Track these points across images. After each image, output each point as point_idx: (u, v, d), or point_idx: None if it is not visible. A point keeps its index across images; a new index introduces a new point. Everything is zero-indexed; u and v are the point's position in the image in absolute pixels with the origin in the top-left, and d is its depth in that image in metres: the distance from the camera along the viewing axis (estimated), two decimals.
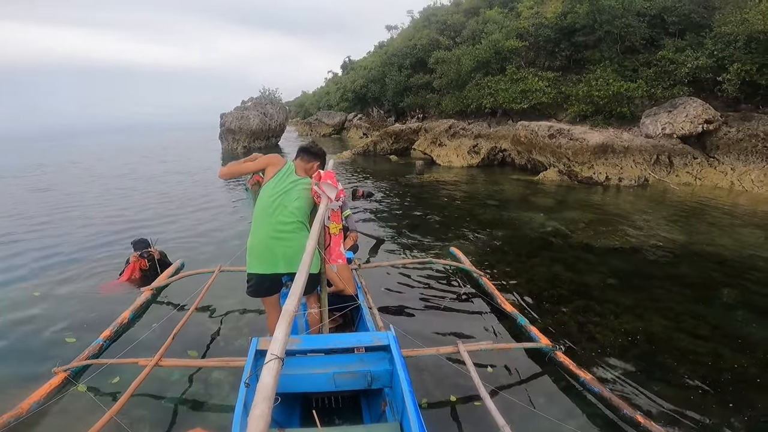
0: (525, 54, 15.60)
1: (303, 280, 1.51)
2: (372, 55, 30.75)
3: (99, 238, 6.41)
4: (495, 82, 15.09)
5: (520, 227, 6.83)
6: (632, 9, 12.55)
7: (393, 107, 23.01)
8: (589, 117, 12.10)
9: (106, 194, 10.41)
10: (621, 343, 3.39)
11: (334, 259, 2.64)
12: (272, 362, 1.00)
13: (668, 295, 4.26)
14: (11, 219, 8.25)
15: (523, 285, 4.62)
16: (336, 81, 37.13)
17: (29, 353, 3.35)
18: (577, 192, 9.24)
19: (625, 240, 6.01)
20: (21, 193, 11.32)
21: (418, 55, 20.53)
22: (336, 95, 33.49)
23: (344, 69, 35.41)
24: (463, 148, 13.67)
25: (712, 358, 3.16)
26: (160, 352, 2.67)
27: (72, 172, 15.88)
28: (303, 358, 2.02)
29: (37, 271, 5.12)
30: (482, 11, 19.03)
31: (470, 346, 2.75)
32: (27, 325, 3.81)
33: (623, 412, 2.38)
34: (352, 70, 31.56)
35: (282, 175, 2.57)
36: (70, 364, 2.77)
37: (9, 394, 2.79)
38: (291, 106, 50.99)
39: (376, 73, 23.63)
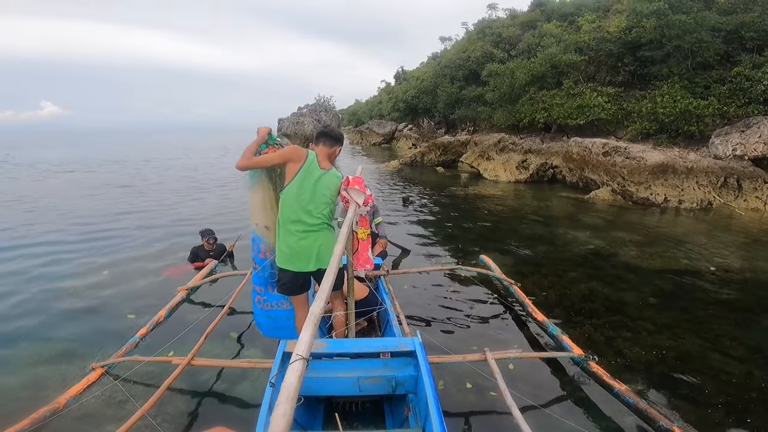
0: (584, 68, 15.07)
1: (330, 283, 1.48)
2: (425, 66, 30.98)
3: (166, 230, 7.14)
4: (550, 96, 14.67)
5: (560, 243, 6.68)
6: (705, 24, 11.75)
7: (444, 119, 23.02)
8: (652, 135, 11.44)
9: (177, 194, 11.46)
10: (649, 359, 3.31)
11: (361, 264, 2.59)
12: (297, 363, 1.00)
13: (710, 317, 4.06)
14: (92, 210, 9.37)
15: (555, 297, 4.57)
16: (388, 91, 37.70)
17: (95, 325, 3.87)
18: (630, 213, 8.78)
19: (675, 262, 5.69)
20: (110, 189, 12.71)
21: (471, 67, 20.40)
22: (387, 105, 34.01)
23: (397, 79, 35.87)
24: (512, 163, 13.41)
25: (743, 379, 3.03)
26: (192, 352, 2.71)
27: (147, 169, 17.52)
28: (328, 362, 2.01)
29: (108, 254, 5.84)
30: (539, 24, 18.63)
31: (498, 354, 2.67)
32: (95, 300, 4.38)
33: (660, 423, 2.29)
34: (405, 80, 31.91)
35: (305, 172, 2.44)
36: (107, 360, 2.86)
37: (77, 356, 3.26)
38: (344, 114, 52.46)
39: (428, 84, 23.75)
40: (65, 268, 5.23)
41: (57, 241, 6.45)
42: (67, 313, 4.02)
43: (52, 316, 3.95)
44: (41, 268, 5.24)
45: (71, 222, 7.49)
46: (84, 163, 18.46)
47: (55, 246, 6.13)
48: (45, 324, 3.81)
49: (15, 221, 7.55)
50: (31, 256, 5.69)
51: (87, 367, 2.84)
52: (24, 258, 5.59)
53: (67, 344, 3.44)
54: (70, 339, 3.53)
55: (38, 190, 10.92)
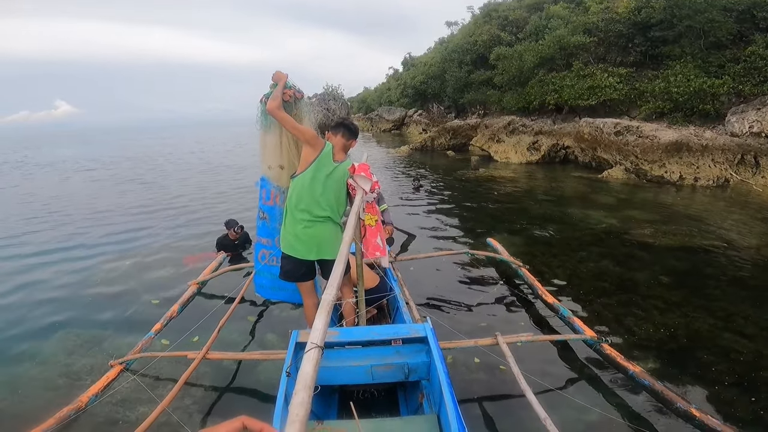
0: (594, 50, 14.82)
1: (341, 271, 1.47)
2: (432, 51, 30.62)
3: (184, 220, 7.32)
4: (560, 78, 14.47)
5: (572, 223, 6.66)
6: (716, 4, 11.47)
7: (453, 103, 22.83)
8: (666, 114, 11.25)
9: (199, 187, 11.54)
10: (660, 337, 3.31)
11: (371, 251, 2.58)
12: (312, 351, 1.00)
13: (723, 295, 4.02)
14: (113, 205, 9.57)
15: (565, 276, 4.59)
16: (396, 77, 37.38)
17: (120, 310, 4.02)
18: (644, 191, 8.71)
19: (689, 240, 5.65)
20: (129, 185, 12.91)
21: (478, 51, 20.12)
22: (396, 91, 33.73)
23: (405, 65, 35.51)
24: (522, 145, 13.33)
25: (753, 357, 3.02)
26: (207, 346, 2.73)
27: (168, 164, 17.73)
28: (340, 351, 2.00)
29: (130, 245, 6.01)
30: (546, 6, 18.28)
31: (509, 338, 2.65)
32: (120, 287, 4.53)
33: (677, 405, 2.25)
34: (413, 66, 31.60)
35: (319, 164, 2.47)
36: (125, 357, 2.87)
37: (106, 340, 3.40)
38: (353, 102, 52.13)
39: (436, 69, 23.52)
40: (91, 263, 5.34)
41: (83, 236, 6.62)
42: (93, 304, 4.14)
43: (79, 307, 4.07)
44: (67, 263, 5.35)
45: (95, 218, 7.65)
46: (102, 161, 18.68)
47: (81, 241, 6.27)
48: (72, 315, 3.91)
49: (37, 222, 7.59)
50: (59, 251, 5.83)
51: (107, 363, 2.87)
52: (51, 253, 5.73)
53: (95, 333, 3.54)
54: (97, 328, 3.62)
55: (61, 190, 11.08)
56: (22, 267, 5.20)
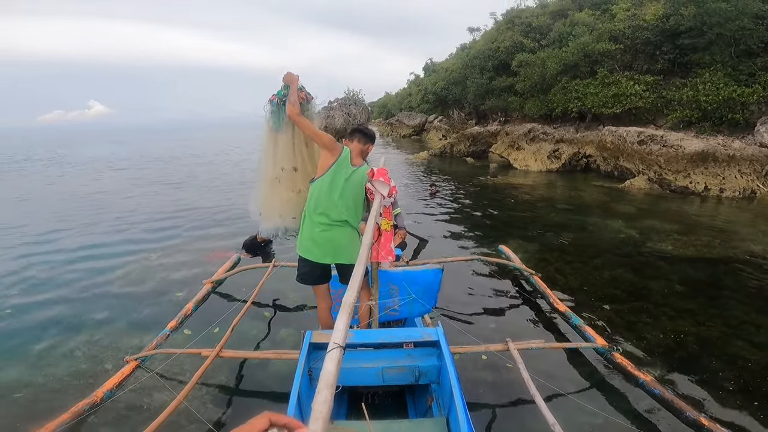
0: (620, 57, 14.56)
1: (362, 273, 1.50)
2: (453, 57, 30.57)
3: (210, 221, 7.53)
4: (584, 85, 14.27)
5: (589, 231, 6.61)
6: (747, 12, 11.14)
7: (474, 110, 22.76)
8: (694, 123, 10.97)
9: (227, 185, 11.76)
10: (669, 344, 3.31)
11: (383, 256, 2.59)
12: (334, 351, 1.02)
13: (737, 305, 3.96)
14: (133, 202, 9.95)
15: (577, 283, 4.59)
16: (417, 83, 37.47)
17: (145, 301, 4.21)
18: (667, 201, 8.52)
19: (709, 251, 5.54)
20: (159, 185, 13.36)
21: (500, 58, 19.99)
22: (417, 97, 33.81)
23: (426, 71, 35.57)
24: (543, 153, 13.20)
25: (762, 365, 3.00)
26: (220, 344, 2.76)
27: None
28: (352, 352, 2.02)
29: (156, 242, 6.24)
30: (570, 13, 18.07)
31: (520, 344, 2.65)
32: (142, 284, 4.72)
33: (686, 414, 2.26)
34: (434, 72, 31.62)
35: (338, 167, 2.51)
36: (140, 354, 2.92)
37: (126, 336, 3.52)
38: (374, 107, 52.46)
39: (458, 75, 23.46)
40: (114, 261, 5.50)
41: (111, 234, 6.87)
42: (116, 300, 4.28)
43: (102, 303, 4.19)
44: (93, 260, 5.51)
45: (124, 217, 7.87)
46: (134, 160, 19.31)
47: (108, 239, 6.47)
48: (94, 311, 4.01)
49: (69, 220, 7.76)
50: (86, 248, 6.02)
51: (123, 358, 2.92)
52: (79, 251, 5.91)
53: (115, 328, 3.67)
54: (118, 324, 3.75)
55: (93, 188, 11.43)
56: (52, 263, 5.38)
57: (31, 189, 11.61)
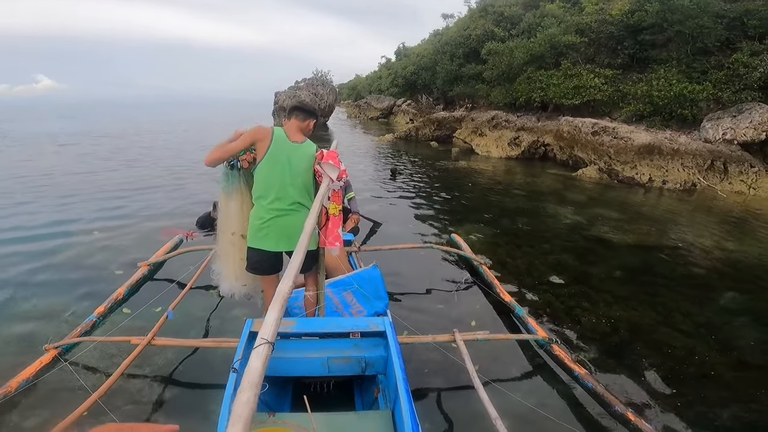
0: (584, 50, 14.92)
1: (299, 261, 1.42)
2: (426, 43, 30.44)
3: (167, 197, 7.17)
4: (547, 76, 14.57)
5: (541, 217, 6.79)
6: (709, 10, 11.61)
7: (442, 95, 22.80)
8: (646, 117, 11.44)
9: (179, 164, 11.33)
10: (604, 330, 3.43)
11: (331, 241, 2.49)
12: (261, 347, 0.94)
13: (667, 292, 4.16)
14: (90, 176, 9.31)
15: (525, 266, 4.70)
16: (389, 66, 37.09)
17: (81, 285, 3.88)
18: (615, 191, 8.88)
19: (646, 239, 5.82)
20: (110, 161, 12.50)
21: (471, 45, 20.09)
22: (387, 80, 33.50)
23: (398, 55, 35.23)
24: (504, 140, 13.45)
25: (686, 353, 3.15)
26: (153, 331, 2.59)
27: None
28: (297, 342, 1.97)
29: (101, 221, 5.83)
30: (542, 4, 18.29)
31: (466, 336, 2.68)
32: (84, 263, 4.41)
33: (615, 408, 2.32)
34: (406, 56, 31.35)
35: (276, 147, 2.38)
36: (61, 341, 2.67)
37: (58, 318, 3.25)
38: (344, 89, 51.65)
39: (428, 61, 23.45)
40: (58, 241, 5.12)
41: (56, 210, 6.42)
42: (50, 280, 3.99)
43: (34, 282, 3.91)
44: (34, 241, 5.11)
45: (72, 193, 7.41)
46: (83, 136, 17.97)
47: (54, 217, 6.03)
48: (24, 290, 3.77)
49: (9, 197, 7.20)
50: (27, 228, 5.60)
51: (42, 347, 2.66)
52: (22, 229, 5.51)
53: (49, 303, 3.45)
54: (51, 304, 3.49)
55: (40, 164, 10.65)
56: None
57: None
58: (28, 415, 2.27)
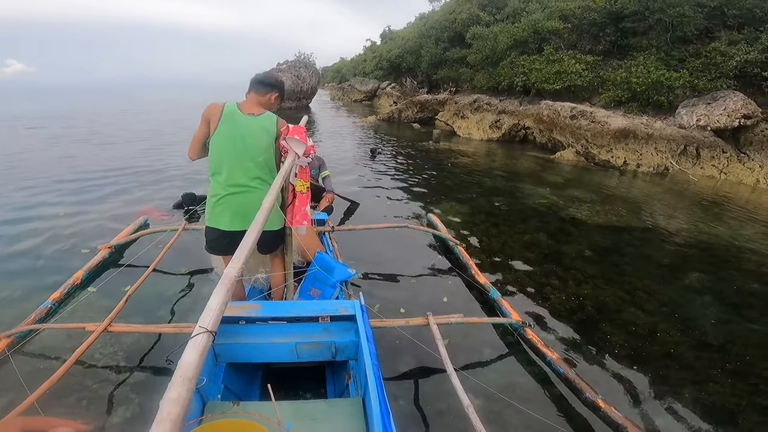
0: (567, 36, 15.01)
1: (252, 241, 1.31)
2: (411, 26, 30.14)
3: (145, 179, 6.98)
4: (530, 61, 14.64)
5: (518, 197, 6.86)
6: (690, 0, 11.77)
7: (426, 79, 22.71)
8: (624, 103, 11.62)
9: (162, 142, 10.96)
10: (570, 307, 3.48)
11: (298, 220, 2.39)
12: (199, 337, 0.83)
13: (633, 271, 4.23)
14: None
15: (500, 246, 4.76)
16: (373, 49, 36.64)
17: (44, 261, 3.80)
18: (590, 173, 9.03)
19: (617, 219, 5.92)
20: (81, 144, 11.96)
21: (456, 29, 20.01)
22: (371, 63, 33.16)
23: (383, 38, 34.84)
24: (485, 122, 13.51)
25: (648, 331, 3.21)
26: (109, 317, 2.48)
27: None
28: (263, 326, 1.88)
29: (71, 201, 5.68)
30: None
31: (440, 319, 2.61)
32: (44, 237, 4.31)
33: (585, 395, 2.29)
34: (391, 39, 31.05)
35: (226, 119, 2.24)
36: (13, 330, 2.55)
37: (15, 304, 3.09)
38: (328, 72, 50.88)
39: (413, 44, 23.32)
40: (30, 215, 5.03)
41: (29, 191, 6.21)
42: (18, 257, 3.88)
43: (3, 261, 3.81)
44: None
45: (43, 174, 7.14)
46: (54, 119, 17.22)
47: (26, 196, 5.88)
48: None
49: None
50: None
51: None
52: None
53: (11, 287, 3.31)
54: (14, 282, 3.38)
55: (11, 146, 10.24)
56: None
57: None
58: None
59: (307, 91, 23.31)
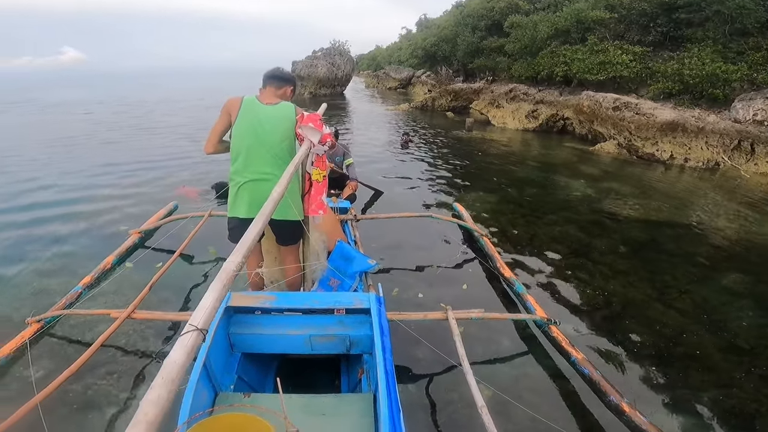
0: (613, 26, 14.30)
1: (256, 233, 1.28)
2: (448, 14, 29.55)
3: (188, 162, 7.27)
4: (572, 51, 14.07)
5: (550, 188, 6.62)
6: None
7: (462, 67, 22.25)
8: (674, 95, 10.97)
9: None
10: (595, 303, 3.35)
11: (314, 209, 2.37)
12: (188, 335, 0.78)
13: (669, 269, 4.00)
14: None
15: (527, 236, 4.61)
16: (409, 37, 36.30)
17: (89, 236, 4.12)
18: (632, 166, 8.57)
19: (658, 215, 5.58)
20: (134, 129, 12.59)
21: (494, 18, 19.49)
22: (406, 51, 32.93)
23: (419, 26, 34.42)
24: (521, 112, 13.14)
25: (676, 331, 3.04)
26: (133, 304, 2.48)
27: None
28: (278, 317, 1.86)
29: (115, 178, 6.12)
30: None
31: (460, 314, 2.50)
32: (92, 215, 4.63)
33: (610, 398, 2.18)
34: (427, 27, 30.61)
35: (245, 110, 2.28)
36: (44, 314, 2.60)
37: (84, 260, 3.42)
38: (363, 59, 50.89)
39: (449, 33, 22.91)
40: (78, 194, 5.39)
41: (79, 174, 6.57)
42: (62, 230, 4.20)
43: (40, 244, 4.05)
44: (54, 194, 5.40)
45: (92, 155, 7.66)
46: (106, 104, 18.21)
47: (82, 177, 6.25)
48: (41, 239, 4.02)
49: (41, 155, 7.70)
50: (50, 187, 5.79)
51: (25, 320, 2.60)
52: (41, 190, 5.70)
53: (60, 259, 3.56)
54: (63, 254, 3.63)
55: (65, 129, 10.87)
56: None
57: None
58: (5, 391, 2.20)
59: (341, 78, 23.39)
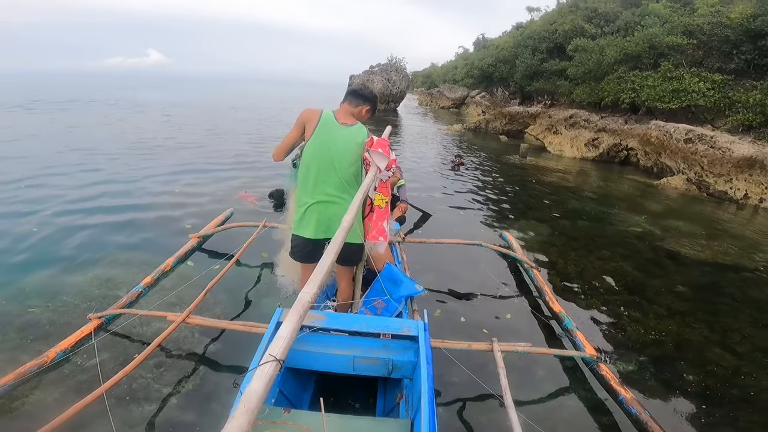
0: (691, 52, 13.44)
1: (330, 261, 1.26)
2: (507, 35, 29.22)
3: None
4: (642, 77, 13.36)
5: (607, 222, 6.36)
6: None
7: (519, 90, 21.82)
8: (755, 128, 10.12)
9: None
10: (645, 341, 3.24)
11: (374, 235, 2.33)
12: (267, 365, 0.79)
13: (731, 312, 3.79)
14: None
15: (577, 271, 4.49)
16: (465, 57, 36.24)
17: (157, 229, 4.45)
18: (700, 204, 8.01)
19: (723, 257, 5.22)
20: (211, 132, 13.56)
21: (557, 40, 19.01)
22: (462, 71, 32.85)
23: (476, 46, 34.27)
24: (581, 140, 12.64)
25: (730, 373, 2.92)
26: (189, 308, 2.51)
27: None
28: (324, 336, 1.88)
29: (183, 178, 6.54)
30: (644, 3, 16.72)
31: (506, 346, 2.45)
32: (161, 210, 5.01)
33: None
34: (484, 47, 30.42)
35: (322, 128, 2.25)
36: (105, 312, 2.65)
37: (149, 255, 3.66)
38: (418, 76, 51.46)
39: (507, 54, 22.61)
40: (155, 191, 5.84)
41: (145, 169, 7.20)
42: (134, 224, 4.55)
43: (121, 227, 4.44)
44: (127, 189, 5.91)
45: (170, 158, 8.15)
46: (184, 107, 19.60)
47: (152, 177, 6.66)
48: (113, 232, 4.31)
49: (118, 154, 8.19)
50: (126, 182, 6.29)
51: (86, 316, 2.65)
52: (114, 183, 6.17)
53: (126, 252, 3.82)
54: (128, 248, 3.90)
55: (146, 128, 11.93)
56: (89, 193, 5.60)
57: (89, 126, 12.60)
58: (62, 386, 2.22)
59: (396, 94, 23.81)
